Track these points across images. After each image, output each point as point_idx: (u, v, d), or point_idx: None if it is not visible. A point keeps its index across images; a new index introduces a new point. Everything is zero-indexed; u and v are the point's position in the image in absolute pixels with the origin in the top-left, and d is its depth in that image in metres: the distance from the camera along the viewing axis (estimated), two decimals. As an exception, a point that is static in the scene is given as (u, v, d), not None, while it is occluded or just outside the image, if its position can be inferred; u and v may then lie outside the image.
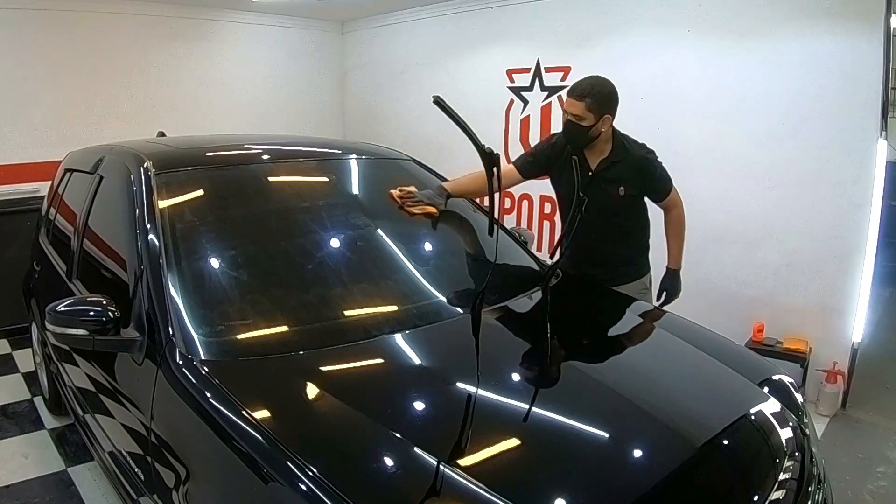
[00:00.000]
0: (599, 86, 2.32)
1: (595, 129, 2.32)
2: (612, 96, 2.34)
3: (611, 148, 2.42)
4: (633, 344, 2.03)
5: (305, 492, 1.17)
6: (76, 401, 2.35)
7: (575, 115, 2.32)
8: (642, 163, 2.42)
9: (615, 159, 2.40)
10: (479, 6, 4.76)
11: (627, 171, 2.40)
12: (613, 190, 2.40)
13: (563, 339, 2.02)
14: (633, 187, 2.42)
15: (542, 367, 1.83)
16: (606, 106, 2.32)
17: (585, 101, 2.29)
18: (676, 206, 2.55)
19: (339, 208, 2.41)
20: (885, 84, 3.03)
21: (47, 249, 2.96)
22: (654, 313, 2.25)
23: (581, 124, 2.32)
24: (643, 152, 2.44)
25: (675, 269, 2.62)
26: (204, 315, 1.74)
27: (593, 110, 2.29)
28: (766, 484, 1.41)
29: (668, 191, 2.50)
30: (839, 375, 3.32)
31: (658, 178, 2.46)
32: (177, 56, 5.04)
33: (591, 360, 1.91)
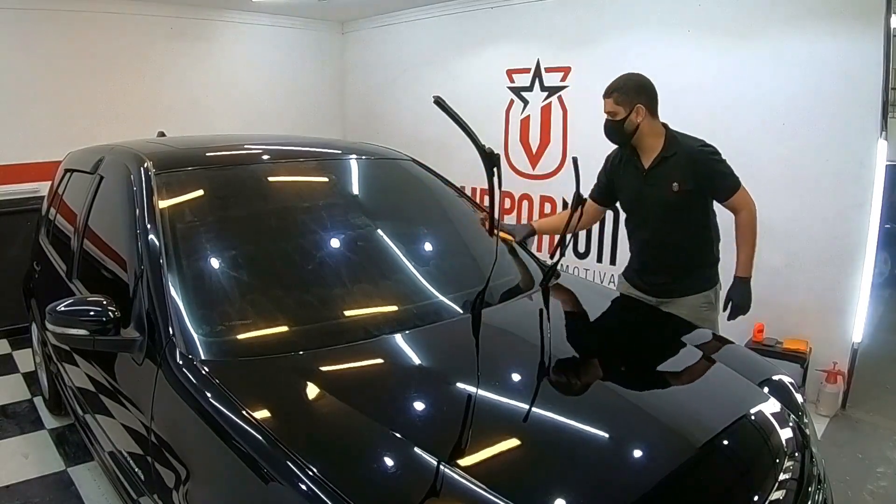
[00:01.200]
0: (625, 79, 2.37)
1: (629, 121, 2.34)
2: (641, 87, 2.36)
3: (662, 143, 2.38)
4: (633, 344, 2.03)
5: (305, 492, 1.17)
6: (76, 401, 2.35)
7: (608, 112, 2.38)
8: (696, 155, 2.32)
9: (667, 154, 2.36)
10: (479, 6, 4.76)
11: (681, 164, 2.32)
12: (668, 186, 2.32)
13: (561, 340, 2.02)
14: (687, 181, 2.29)
15: (541, 368, 1.83)
16: (635, 96, 2.33)
17: (613, 96, 2.35)
18: (746, 206, 2.35)
19: (339, 208, 2.41)
20: (885, 84, 3.03)
21: (47, 249, 2.96)
22: (655, 313, 2.25)
23: (615, 119, 2.36)
24: (697, 144, 2.36)
25: (743, 277, 2.37)
26: (204, 315, 1.74)
27: (622, 102, 2.33)
28: (766, 484, 1.41)
29: (733, 189, 2.32)
30: (839, 375, 3.32)
31: (717, 173, 2.32)
32: (177, 56, 5.04)
33: (590, 361, 1.91)
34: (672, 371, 1.87)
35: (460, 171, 3.66)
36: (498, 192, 1.98)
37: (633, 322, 2.21)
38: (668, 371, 1.86)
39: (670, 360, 1.94)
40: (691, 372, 1.85)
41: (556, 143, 4.46)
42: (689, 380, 1.82)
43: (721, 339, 2.06)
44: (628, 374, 1.81)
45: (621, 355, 1.94)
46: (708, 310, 2.44)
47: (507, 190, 4.70)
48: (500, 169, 1.95)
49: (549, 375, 1.76)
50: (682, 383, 1.80)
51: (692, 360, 1.90)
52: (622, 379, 1.78)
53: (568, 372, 1.82)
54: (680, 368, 1.88)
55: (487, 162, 1.92)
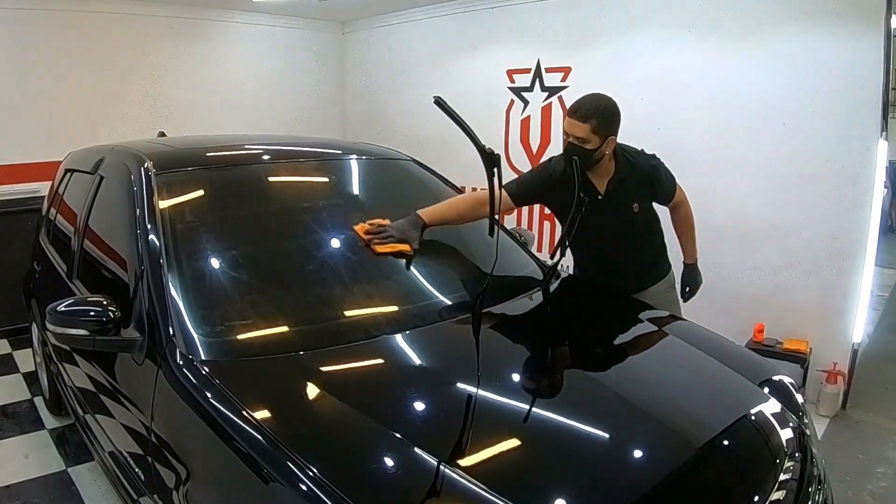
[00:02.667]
0: (604, 105, 2.18)
1: (599, 152, 2.19)
2: (616, 116, 2.20)
3: (615, 165, 2.30)
4: (634, 344, 2.03)
5: (306, 492, 1.17)
6: (76, 401, 2.35)
7: (578, 137, 2.16)
8: (650, 173, 2.34)
9: (622, 177, 2.29)
10: (479, 6, 4.76)
11: (637, 186, 2.31)
12: (628, 209, 2.32)
13: (563, 340, 2.02)
14: (645, 199, 2.36)
15: (541, 368, 1.83)
16: (611, 127, 2.18)
17: (590, 122, 2.14)
18: (683, 202, 2.48)
19: (339, 208, 2.41)
20: (885, 84, 3.03)
21: (48, 249, 2.96)
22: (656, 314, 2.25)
23: (585, 147, 2.16)
24: (647, 162, 2.35)
25: (692, 263, 2.60)
26: (204, 315, 1.74)
27: (598, 133, 2.15)
28: (766, 484, 1.41)
29: (675, 191, 2.43)
30: (839, 376, 3.32)
31: (666, 184, 2.38)
32: (177, 56, 5.04)
33: (591, 361, 1.91)
34: (673, 372, 1.87)
35: (460, 171, 3.66)
36: (498, 193, 1.97)
37: (633, 322, 2.21)
38: (668, 372, 1.86)
39: (671, 361, 1.93)
40: (692, 372, 1.85)
41: (557, 144, 4.43)
42: (690, 380, 1.82)
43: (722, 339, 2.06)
44: (628, 374, 1.81)
45: (621, 356, 1.94)
46: (670, 292, 2.57)
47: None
48: (501, 169, 1.94)
49: (549, 376, 1.76)
50: (682, 383, 1.80)
51: (693, 361, 1.89)
52: (622, 379, 1.77)
53: (568, 372, 1.83)
54: (681, 369, 1.88)
55: (488, 162, 1.92)
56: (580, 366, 1.87)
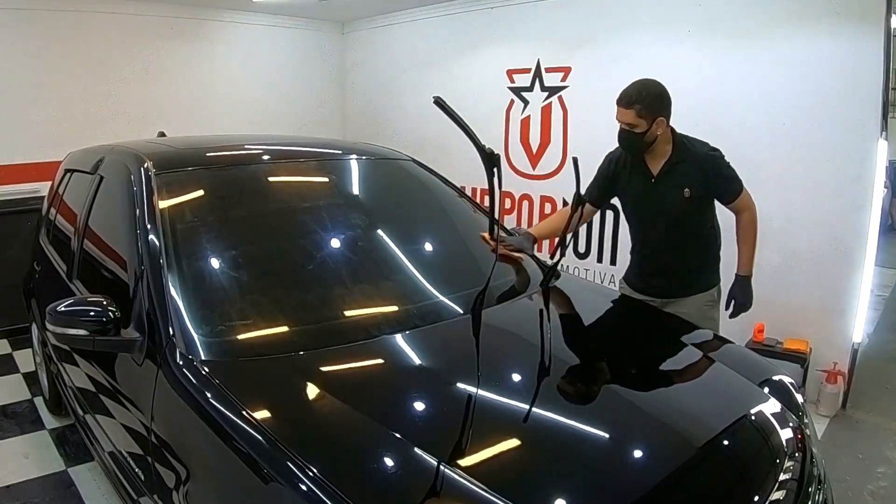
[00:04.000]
0: (647, 89, 2.24)
1: (650, 133, 2.24)
2: (662, 98, 2.25)
3: (671, 149, 2.32)
4: (633, 344, 2.03)
5: (306, 492, 1.17)
6: (76, 401, 2.35)
7: (627, 123, 2.25)
8: (707, 160, 2.32)
9: (677, 160, 2.31)
10: (479, 6, 4.76)
11: (691, 171, 2.30)
12: (678, 193, 2.31)
13: (562, 340, 2.02)
14: (698, 188, 2.31)
15: (541, 368, 1.83)
16: (658, 108, 2.23)
17: (635, 108, 2.21)
18: (749, 208, 2.40)
19: (339, 209, 2.41)
20: (885, 84, 3.03)
21: (47, 250, 2.96)
22: (655, 313, 2.25)
23: (634, 132, 2.24)
24: (707, 150, 2.35)
25: (745, 275, 2.43)
26: (204, 315, 1.74)
27: (644, 116, 2.21)
28: (766, 484, 1.41)
29: (738, 191, 2.37)
30: (839, 376, 3.32)
31: (725, 177, 2.34)
32: (177, 56, 5.04)
33: (590, 361, 1.91)
34: (672, 371, 1.87)
35: (460, 171, 3.66)
36: (498, 192, 1.98)
37: (633, 322, 2.21)
38: (668, 371, 1.86)
39: (670, 360, 1.93)
40: (692, 372, 1.85)
41: (557, 144, 4.46)
42: (690, 380, 1.82)
43: (721, 339, 2.07)
44: (628, 374, 1.81)
45: (621, 356, 1.94)
46: (711, 308, 2.48)
47: (507, 190, 4.70)
48: (501, 169, 1.95)
49: (549, 376, 1.76)
50: (682, 384, 1.80)
51: (692, 360, 1.90)
52: (622, 379, 1.78)
53: (568, 372, 1.82)
54: (680, 369, 1.88)
55: (487, 162, 1.93)
56: (580, 366, 1.87)
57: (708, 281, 2.48)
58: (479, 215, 2.61)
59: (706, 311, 2.44)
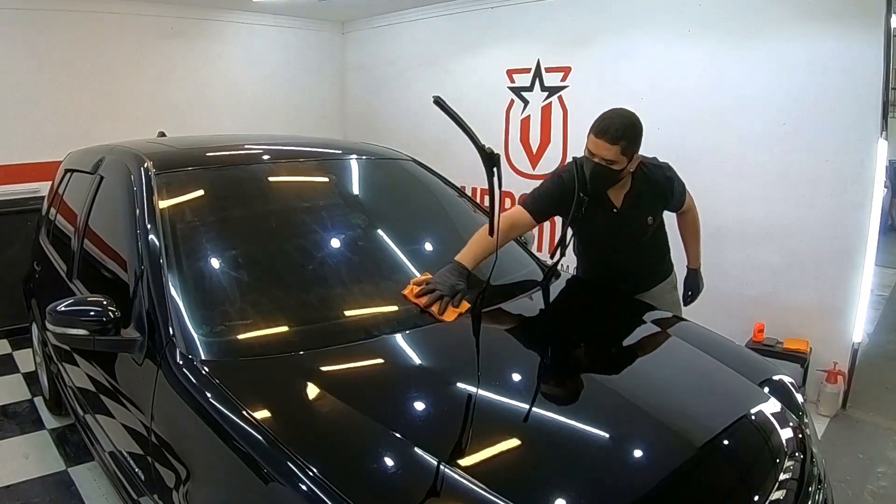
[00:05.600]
0: (630, 125, 2.11)
1: (625, 170, 2.17)
2: (641, 133, 2.14)
3: (631, 178, 2.27)
4: (634, 344, 2.03)
5: (306, 492, 1.17)
6: (76, 401, 2.35)
7: (608, 159, 2.10)
8: (665, 185, 2.33)
9: (640, 191, 2.28)
10: (479, 6, 4.76)
11: (652, 199, 2.32)
12: (643, 221, 2.33)
13: (562, 340, 2.02)
14: (659, 211, 2.38)
15: (541, 368, 1.83)
16: (637, 145, 2.15)
17: (620, 144, 2.07)
18: (690, 209, 2.50)
19: (339, 208, 2.41)
20: (885, 84, 3.03)
21: (48, 249, 2.96)
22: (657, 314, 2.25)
23: (612, 168, 2.12)
24: (663, 174, 2.34)
25: (695, 268, 2.65)
26: (204, 315, 1.74)
27: (627, 153, 2.11)
28: (766, 484, 1.41)
29: (685, 199, 2.44)
30: (839, 375, 3.32)
31: (678, 194, 2.39)
32: (177, 56, 5.04)
33: (591, 361, 1.91)
34: (673, 371, 1.87)
35: (460, 171, 3.66)
36: (498, 192, 1.97)
37: (633, 322, 2.21)
38: (668, 371, 1.86)
39: (671, 360, 1.93)
40: (692, 372, 1.85)
41: (557, 143, 4.46)
42: (690, 380, 1.82)
43: (723, 338, 2.07)
44: (628, 374, 1.81)
45: (621, 355, 1.94)
46: (672, 292, 2.60)
47: (507, 190, 4.70)
48: (501, 169, 1.94)
49: (549, 375, 1.76)
50: (682, 383, 1.80)
51: (693, 360, 1.90)
52: (622, 379, 1.77)
53: (568, 372, 1.83)
54: (681, 369, 1.88)
55: (487, 162, 1.92)
56: (580, 366, 1.88)
57: (665, 270, 2.59)
58: (479, 215, 2.61)
59: (669, 297, 2.55)
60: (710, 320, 2.33)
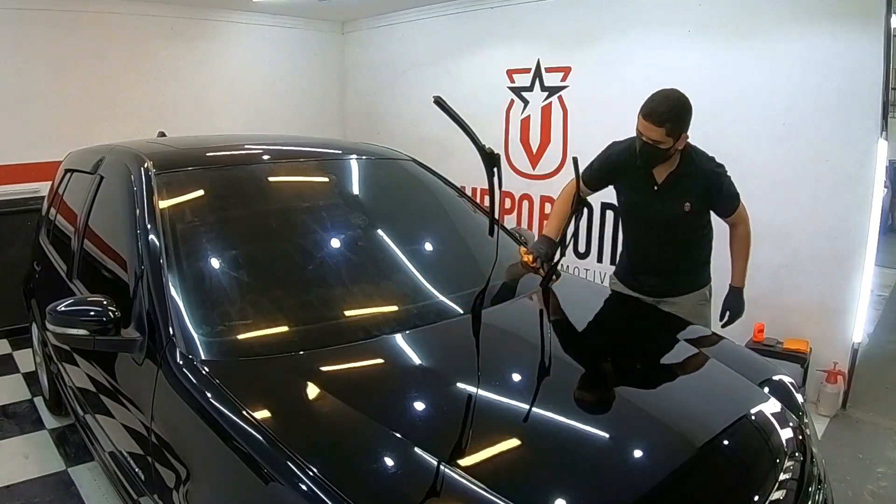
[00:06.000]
0: (679, 106, 2.18)
1: (672, 149, 2.21)
2: (689, 113, 2.20)
3: (678, 160, 2.30)
4: (633, 344, 2.03)
5: (306, 492, 1.17)
6: (76, 401, 2.35)
7: (654, 140, 2.18)
8: (711, 177, 2.32)
9: (682, 173, 2.30)
10: (479, 6, 4.76)
11: (694, 185, 2.31)
12: (679, 205, 2.31)
13: (561, 340, 2.02)
14: (699, 202, 2.33)
15: (541, 368, 1.83)
16: (686, 125, 2.19)
17: (666, 126, 2.14)
18: (743, 222, 2.44)
19: (339, 208, 2.41)
20: (885, 84, 3.03)
21: (48, 249, 2.96)
22: (656, 313, 2.25)
23: (659, 147, 2.19)
24: (712, 166, 2.34)
25: (738, 287, 2.50)
26: (204, 315, 1.74)
27: (673, 133, 2.16)
28: (766, 484, 1.41)
29: (736, 207, 2.39)
30: (839, 376, 3.32)
31: (725, 194, 2.35)
32: (177, 56, 5.04)
33: (589, 361, 1.91)
34: (672, 371, 1.87)
35: (460, 171, 3.66)
36: (498, 192, 1.98)
37: (632, 321, 2.21)
38: (668, 371, 1.86)
39: (670, 360, 1.94)
40: (692, 372, 1.85)
41: (557, 143, 4.46)
42: (690, 380, 1.82)
43: (719, 337, 2.07)
44: (628, 374, 1.81)
45: (621, 355, 1.94)
46: (704, 306, 2.52)
47: (507, 190, 4.70)
48: (501, 169, 1.95)
49: (548, 375, 1.76)
50: (682, 383, 1.80)
51: (693, 360, 1.90)
52: (622, 379, 1.77)
53: (568, 372, 1.82)
54: (680, 368, 1.88)
55: (487, 162, 1.92)
56: (579, 366, 1.87)
57: (700, 280, 2.52)
58: (479, 215, 2.61)
59: (699, 310, 2.47)
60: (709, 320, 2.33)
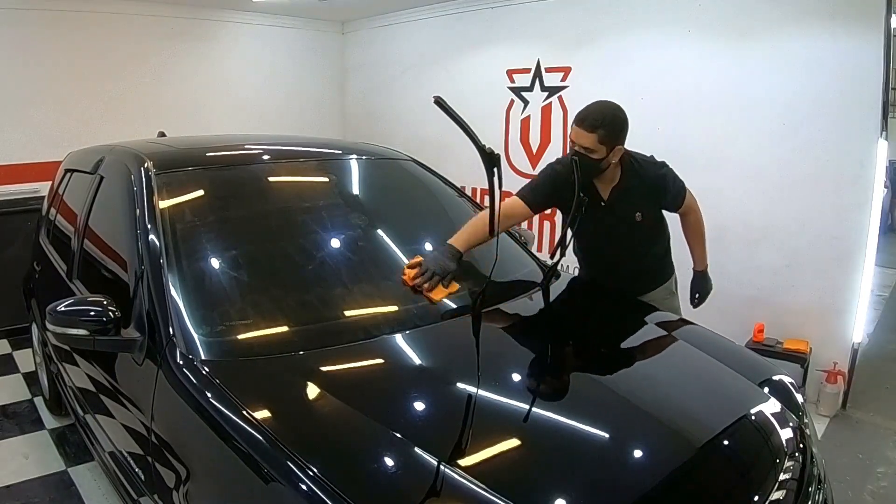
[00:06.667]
0: (612, 115, 2.13)
1: (605, 161, 2.17)
2: (623, 126, 2.16)
3: (620, 173, 2.27)
4: (634, 344, 2.03)
5: (306, 492, 1.17)
6: (76, 401, 2.35)
7: (585, 147, 2.13)
8: (657, 182, 2.30)
9: (628, 185, 2.27)
10: (479, 6, 4.76)
11: (642, 195, 2.29)
12: (630, 217, 2.30)
13: (562, 340, 2.02)
14: (649, 208, 2.33)
15: (541, 367, 1.83)
16: (618, 137, 2.15)
17: (598, 132, 2.10)
18: (693, 210, 2.43)
19: (339, 208, 2.41)
20: (885, 84, 3.03)
21: (48, 249, 2.96)
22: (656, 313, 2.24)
23: (591, 157, 2.14)
24: (655, 170, 2.32)
25: (702, 270, 2.54)
26: (204, 315, 1.74)
27: (605, 142, 2.12)
28: (766, 484, 1.41)
29: (684, 198, 2.38)
30: (839, 376, 3.32)
31: (672, 193, 2.34)
32: (177, 56, 5.04)
33: (591, 361, 1.91)
34: (672, 371, 1.87)
35: (460, 171, 3.66)
36: (498, 193, 1.98)
37: (633, 322, 2.21)
38: (668, 371, 1.86)
39: (670, 360, 1.93)
40: (692, 372, 1.85)
41: (557, 144, 4.46)
42: (690, 380, 1.82)
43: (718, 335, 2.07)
44: (628, 374, 1.81)
45: (621, 355, 1.94)
46: (670, 298, 2.53)
47: (507, 190, 4.61)
48: (501, 169, 1.95)
49: (549, 375, 1.76)
50: (682, 383, 1.80)
51: (693, 360, 1.90)
52: (622, 379, 1.77)
53: (568, 372, 1.83)
54: (680, 369, 1.88)
55: (488, 162, 1.92)
56: (580, 366, 1.87)
57: (663, 275, 2.53)
58: (479, 215, 2.61)
59: (667, 303, 2.46)
60: (710, 320, 2.33)
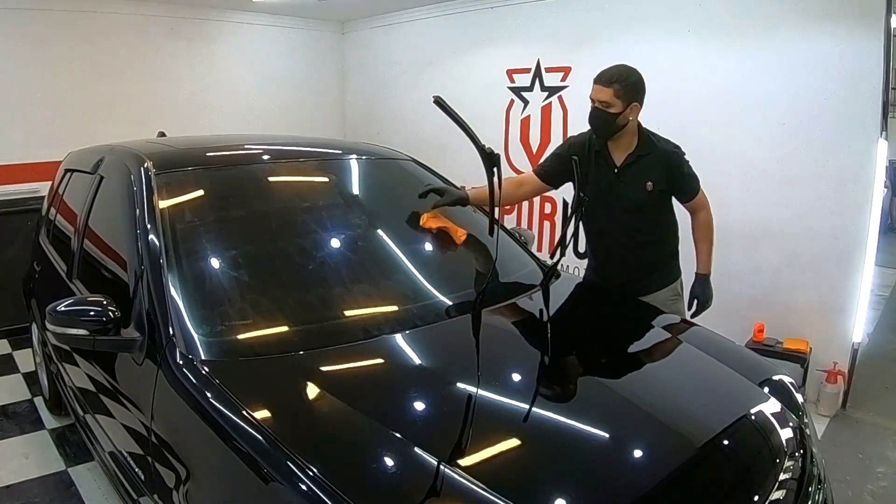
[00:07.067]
0: (627, 73, 2.29)
1: (623, 116, 2.26)
2: (640, 83, 2.29)
3: (637, 141, 2.35)
4: (633, 344, 2.03)
5: (306, 492, 1.17)
6: (76, 401, 2.35)
7: (602, 101, 2.27)
8: (671, 157, 2.35)
9: (642, 153, 2.34)
10: (479, 6, 4.76)
11: (655, 164, 2.33)
12: (641, 185, 2.33)
13: (562, 340, 2.02)
14: (661, 182, 2.33)
15: (541, 367, 1.83)
16: (634, 93, 2.27)
17: (613, 87, 2.25)
18: (704, 207, 2.47)
19: (339, 208, 2.41)
20: (886, 84, 3.03)
21: (47, 249, 2.96)
22: (655, 313, 2.25)
23: (608, 111, 2.26)
24: (671, 147, 2.38)
25: (704, 274, 2.49)
26: (204, 315, 1.74)
27: (621, 97, 2.24)
28: (766, 484, 1.41)
29: (697, 190, 2.42)
30: (839, 375, 3.32)
31: (687, 175, 2.39)
32: (177, 56, 5.04)
33: (591, 361, 1.91)
34: (672, 371, 1.87)
35: (460, 171, 3.65)
36: (498, 192, 1.98)
37: (633, 322, 2.21)
38: (668, 371, 1.86)
39: (670, 360, 1.93)
40: (692, 372, 1.85)
41: (557, 143, 4.41)
42: (690, 380, 1.82)
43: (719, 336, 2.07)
44: (628, 374, 1.81)
45: (621, 355, 1.94)
46: (675, 301, 2.51)
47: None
48: (501, 169, 1.95)
49: (549, 375, 1.76)
50: (682, 383, 1.80)
51: (693, 360, 1.90)
52: (622, 379, 1.77)
53: (568, 372, 1.83)
54: (680, 368, 1.88)
55: (487, 162, 1.92)
56: (580, 366, 1.88)
57: (669, 276, 2.52)
58: (479, 215, 2.61)
59: (671, 306, 2.45)
60: (710, 320, 2.33)
